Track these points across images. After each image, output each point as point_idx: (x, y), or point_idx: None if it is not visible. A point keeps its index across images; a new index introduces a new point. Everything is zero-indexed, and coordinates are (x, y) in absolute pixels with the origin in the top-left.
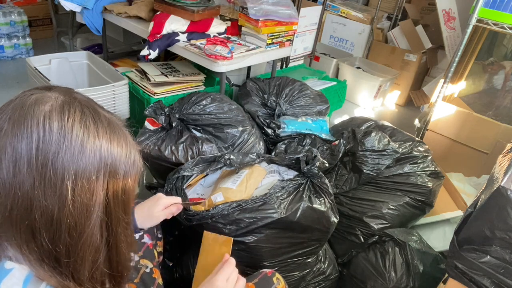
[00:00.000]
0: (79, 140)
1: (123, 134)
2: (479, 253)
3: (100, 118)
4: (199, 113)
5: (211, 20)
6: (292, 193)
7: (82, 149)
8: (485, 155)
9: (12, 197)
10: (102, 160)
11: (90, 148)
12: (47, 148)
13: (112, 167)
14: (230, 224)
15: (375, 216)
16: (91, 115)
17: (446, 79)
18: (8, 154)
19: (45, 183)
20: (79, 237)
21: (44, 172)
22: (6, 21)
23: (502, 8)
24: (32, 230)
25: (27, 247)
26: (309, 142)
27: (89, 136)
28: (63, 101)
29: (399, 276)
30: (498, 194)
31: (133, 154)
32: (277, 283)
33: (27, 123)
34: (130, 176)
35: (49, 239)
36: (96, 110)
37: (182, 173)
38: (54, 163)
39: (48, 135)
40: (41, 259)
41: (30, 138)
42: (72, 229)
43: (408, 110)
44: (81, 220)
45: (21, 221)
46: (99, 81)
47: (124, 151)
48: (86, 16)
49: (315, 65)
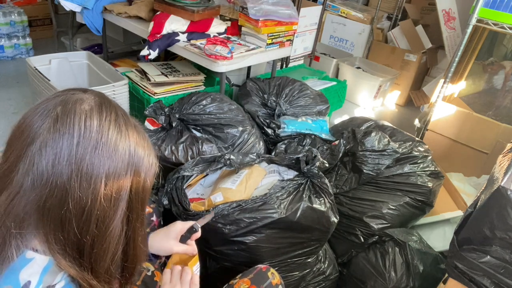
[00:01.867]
0: (113, 139)
1: (145, 137)
2: (479, 253)
3: (129, 120)
4: (199, 113)
5: (211, 20)
6: (292, 193)
7: (116, 147)
8: (485, 155)
9: (49, 187)
10: (131, 159)
11: (122, 146)
12: (87, 143)
13: (137, 166)
14: (230, 224)
15: (375, 216)
16: (123, 117)
17: (446, 79)
18: (49, 147)
19: (81, 176)
20: (105, 229)
21: (82, 166)
22: (6, 21)
23: (502, 8)
24: (62, 220)
25: (54, 236)
26: (309, 142)
27: (121, 136)
28: (100, 102)
29: (399, 276)
30: (498, 194)
31: (152, 155)
32: (272, 277)
33: (70, 120)
34: (148, 176)
35: (78, 229)
36: (125, 113)
37: (182, 173)
38: (91, 158)
39: (88, 132)
40: (64, 249)
41: (72, 133)
42: (100, 221)
43: (408, 110)
44: (109, 213)
45: (54, 211)
46: (99, 81)
47: (146, 152)
48: (86, 16)
49: (315, 65)
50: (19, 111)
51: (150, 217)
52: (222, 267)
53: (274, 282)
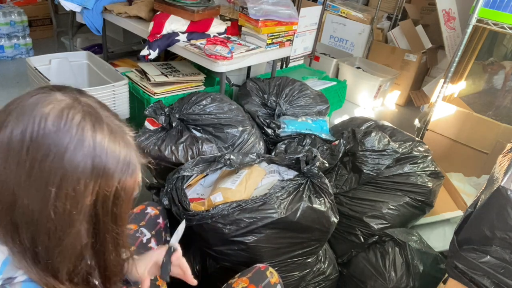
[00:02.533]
0: (72, 146)
1: (124, 146)
2: (479, 253)
3: (101, 126)
4: (199, 113)
5: (211, 20)
6: (292, 193)
7: (74, 155)
8: (485, 155)
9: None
10: (94, 169)
11: (83, 155)
12: (37, 149)
13: (104, 177)
14: (230, 224)
15: (375, 216)
16: (91, 123)
17: (446, 79)
18: (2, 147)
19: (30, 183)
20: (59, 241)
21: (31, 173)
22: (6, 21)
23: (502, 8)
24: (14, 225)
25: (11, 239)
26: (309, 142)
27: (83, 143)
28: (66, 104)
29: (399, 276)
30: (498, 194)
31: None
32: (271, 276)
33: (24, 121)
34: (124, 190)
35: (29, 238)
36: (99, 116)
37: (182, 173)
38: (41, 165)
39: (41, 137)
40: (24, 252)
41: (24, 136)
42: (52, 233)
43: (408, 110)
44: (62, 226)
45: (5, 215)
46: (99, 81)
47: (121, 159)
48: (86, 16)
49: (315, 65)
50: None
51: (156, 219)
52: (222, 267)
53: (273, 281)
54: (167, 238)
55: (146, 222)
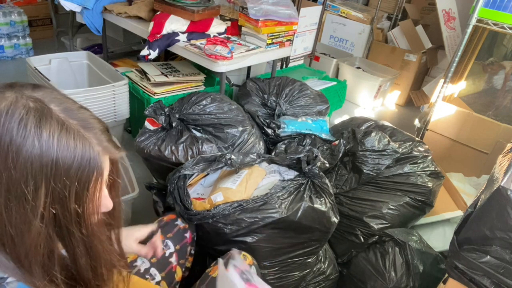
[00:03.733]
0: (14, 146)
1: (81, 140)
2: (479, 253)
3: (49, 122)
4: (199, 113)
5: (211, 20)
6: (292, 193)
7: (17, 155)
8: (485, 155)
9: None
10: (43, 168)
11: (28, 154)
12: None
13: (58, 176)
14: (231, 224)
15: (375, 216)
16: (37, 119)
17: (446, 79)
18: None
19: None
20: (22, 245)
21: None
22: (6, 21)
23: (502, 8)
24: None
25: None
26: (309, 142)
27: (27, 142)
28: (10, 102)
29: (399, 276)
30: (498, 194)
31: (92, 163)
32: (244, 259)
33: None
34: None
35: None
36: (48, 112)
37: (183, 171)
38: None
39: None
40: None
41: None
42: (14, 236)
43: (408, 110)
44: (21, 230)
45: None
46: (99, 81)
47: (78, 159)
48: (86, 16)
49: (315, 65)
50: None
51: (184, 232)
52: None
53: (247, 262)
54: (192, 251)
55: (174, 234)
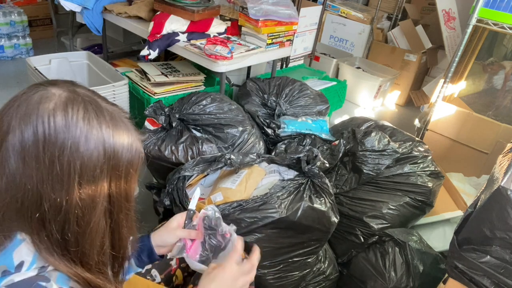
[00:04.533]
0: (83, 136)
1: (125, 126)
2: (479, 253)
3: (102, 113)
4: (199, 113)
5: (211, 20)
6: (292, 192)
7: (86, 144)
8: (485, 155)
9: (23, 190)
10: (106, 153)
11: (94, 143)
12: (53, 145)
13: (115, 159)
14: (230, 223)
15: (375, 216)
16: (94, 111)
17: (446, 79)
18: (16, 151)
19: (52, 178)
20: (86, 226)
21: (52, 168)
22: (6, 21)
23: (502, 8)
24: (42, 220)
25: (38, 236)
26: (309, 142)
27: (92, 132)
28: (67, 97)
29: (399, 276)
30: (498, 194)
31: (134, 145)
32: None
33: (33, 121)
34: (132, 166)
35: (58, 229)
36: (98, 105)
37: (183, 173)
38: (60, 159)
39: (54, 133)
40: (51, 247)
41: (36, 135)
42: (80, 219)
43: (408, 110)
44: (88, 210)
45: (32, 212)
46: (99, 81)
47: (126, 143)
48: (86, 16)
49: (315, 65)
50: None
51: None
52: None
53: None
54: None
55: None
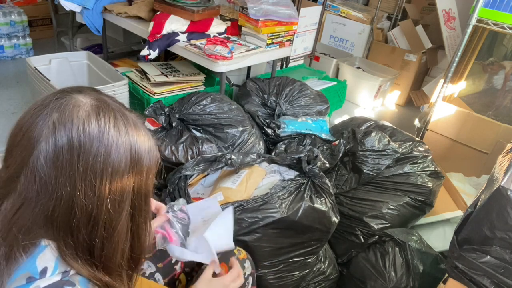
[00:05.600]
0: (114, 143)
1: (145, 133)
2: (479, 253)
3: (128, 120)
4: (199, 113)
5: (211, 20)
6: (293, 192)
7: (117, 151)
8: (485, 155)
9: (55, 198)
10: (132, 159)
11: (123, 149)
12: (88, 152)
13: (139, 164)
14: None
15: (375, 216)
16: (122, 119)
17: (446, 79)
18: (50, 159)
19: (85, 185)
20: (113, 230)
21: (85, 175)
22: (6, 21)
23: (502, 8)
24: (71, 227)
25: (64, 242)
26: (309, 142)
27: (121, 138)
28: (97, 106)
29: (399, 276)
30: (498, 194)
31: (153, 149)
32: (238, 253)
33: (68, 129)
34: (151, 171)
35: (86, 234)
36: (124, 112)
37: (184, 172)
38: (93, 166)
39: (88, 141)
40: (75, 253)
41: (71, 143)
42: (107, 224)
43: (408, 110)
44: (115, 215)
45: (62, 220)
46: (99, 81)
47: (147, 148)
48: (86, 16)
49: (315, 65)
50: (19, 111)
51: None
52: None
53: (241, 257)
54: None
55: None
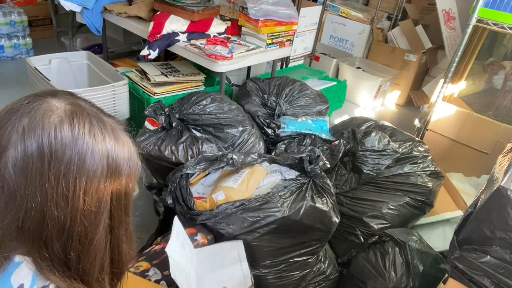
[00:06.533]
0: (89, 151)
1: (125, 139)
2: (479, 253)
3: (105, 126)
4: (199, 113)
5: (211, 20)
6: (294, 192)
7: (92, 159)
8: (485, 155)
9: (25, 209)
10: (109, 168)
11: (99, 157)
12: (60, 160)
13: (116, 173)
14: (233, 223)
15: (375, 216)
16: (98, 125)
17: (446, 79)
18: (18, 167)
19: (57, 195)
20: (89, 243)
21: (57, 185)
22: (6, 21)
23: (502, 8)
24: (44, 239)
25: (39, 254)
26: (309, 142)
27: (97, 146)
28: (71, 111)
29: (399, 276)
30: (498, 194)
31: (133, 157)
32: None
33: (38, 136)
34: (130, 180)
35: (61, 247)
36: (101, 118)
37: (185, 171)
38: (66, 175)
39: (60, 148)
40: (51, 265)
41: (41, 150)
42: (83, 237)
43: (408, 110)
44: (91, 227)
45: (34, 231)
46: (99, 81)
47: (126, 156)
48: (86, 16)
49: (315, 65)
50: None
51: (194, 236)
52: None
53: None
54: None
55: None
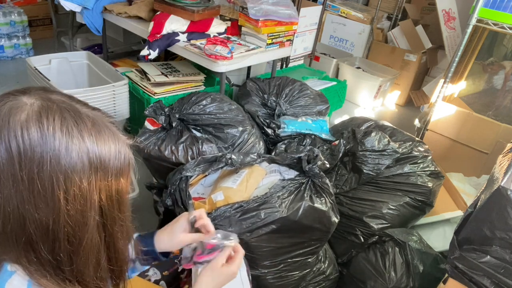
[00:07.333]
0: (63, 148)
1: (109, 132)
2: (479, 253)
3: (83, 120)
4: (199, 113)
5: (211, 20)
6: (293, 192)
7: (68, 156)
8: (485, 155)
9: (2, 214)
10: (91, 163)
11: (76, 153)
12: (30, 160)
13: (102, 169)
14: (232, 225)
15: (375, 216)
16: (73, 119)
17: (446, 79)
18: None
19: (34, 197)
20: (79, 243)
21: (32, 186)
22: (6, 21)
23: (502, 8)
24: (30, 243)
25: (27, 259)
26: (309, 142)
27: (72, 141)
28: (40, 107)
29: (399, 276)
30: (498, 194)
31: (122, 151)
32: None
33: (4, 137)
34: (122, 175)
35: (48, 250)
36: (77, 111)
37: (185, 173)
38: (40, 175)
39: (29, 147)
40: (42, 269)
41: (10, 152)
42: (71, 236)
43: (408, 110)
44: (78, 227)
45: (17, 236)
46: (99, 81)
47: (112, 150)
48: (86, 16)
49: (315, 65)
50: None
51: None
52: None
53: None
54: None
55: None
